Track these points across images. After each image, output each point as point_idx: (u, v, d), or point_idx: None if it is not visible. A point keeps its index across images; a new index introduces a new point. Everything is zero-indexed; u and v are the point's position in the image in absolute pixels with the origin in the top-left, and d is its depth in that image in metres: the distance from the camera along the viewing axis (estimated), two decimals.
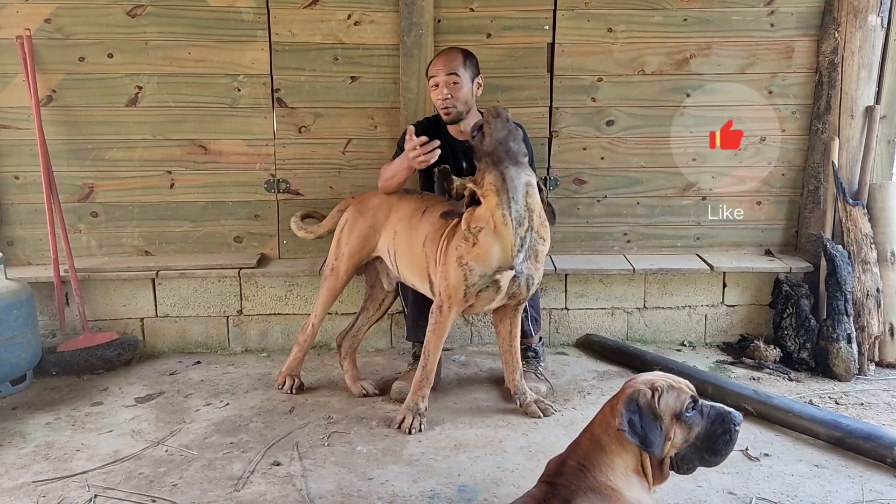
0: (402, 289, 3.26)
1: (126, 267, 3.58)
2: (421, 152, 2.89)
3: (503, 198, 2.68)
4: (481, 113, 3.18)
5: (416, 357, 3.32)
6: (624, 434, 1.84)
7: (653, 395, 1.89)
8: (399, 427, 2.86)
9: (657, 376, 1.96)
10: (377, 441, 2.80)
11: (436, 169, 3.19)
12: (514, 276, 2.79)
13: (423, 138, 2.91)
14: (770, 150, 3.77)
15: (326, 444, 2.77)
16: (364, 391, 3.20)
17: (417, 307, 3.23)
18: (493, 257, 2.74)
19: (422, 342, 3.28)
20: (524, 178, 2.72)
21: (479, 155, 2.75)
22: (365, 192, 3.26)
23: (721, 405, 1.95)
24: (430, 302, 3.24)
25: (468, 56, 3.14)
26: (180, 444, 2.77)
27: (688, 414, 1.89)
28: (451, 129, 3.21)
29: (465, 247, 2.75)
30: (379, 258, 3.17)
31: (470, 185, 2.77)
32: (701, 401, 1.94)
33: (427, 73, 3.20)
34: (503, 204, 2.68)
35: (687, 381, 1.98)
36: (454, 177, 3.17)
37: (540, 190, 2.79)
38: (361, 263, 3.17)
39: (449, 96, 3.07)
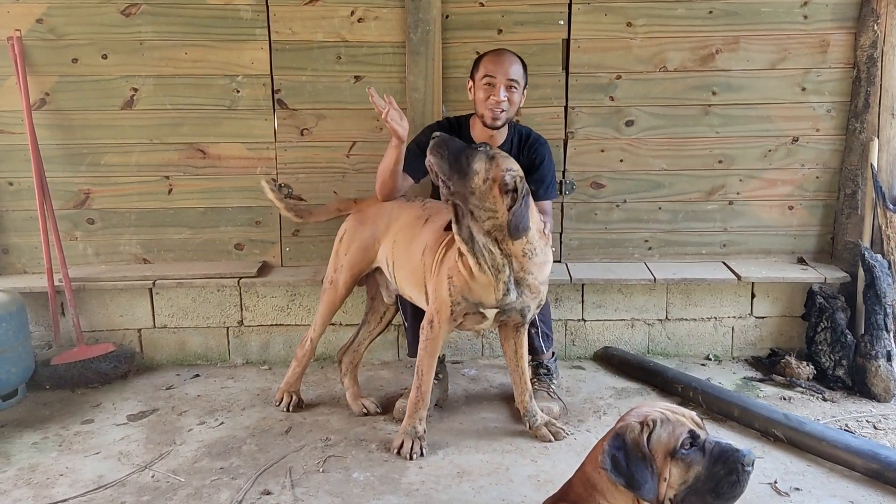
0: (402, 302, 3.09)
1: (122, 276, 3.45)
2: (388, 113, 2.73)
3: (474, 247, 2.54)
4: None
5: None
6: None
7: (641, 431, 1.68)
8: (398, 452, 2.68)
9: (654, 409, 1.76)
10: (375, 467, 2.62)
11: None
12: (500, 311, 2.65)
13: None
14: (803, 151, 3.53)
15: (321, 469, 2.61)
16: (364, 410, 3.03)
17: (417, 321, 3.06)
18: (474, 289, 2.60)
19: None
20: (486, 226, 2.51)
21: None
22: (366, 199, 3.09)
23: (728, 442, 1.73)
24: None
25: (525, 65, 2.99)
26: (168, 468, 2.62)
27: (683, 451, 1.68)
28: (478, 133, 3.02)
29: (453, 263, 2.62)
30: (379, 269, 3.00)
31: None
32: (705, 436, 1.72)
33: (477, 69, 2.96)
34: (476, 253, 2.54)
35: (692, 413, 1.78)
36: None
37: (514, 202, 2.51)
38: (361, 275, 3.00)
39: (505, 100, 2.89)
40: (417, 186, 3.31)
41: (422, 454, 2.68)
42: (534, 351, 3.03)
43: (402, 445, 2.69)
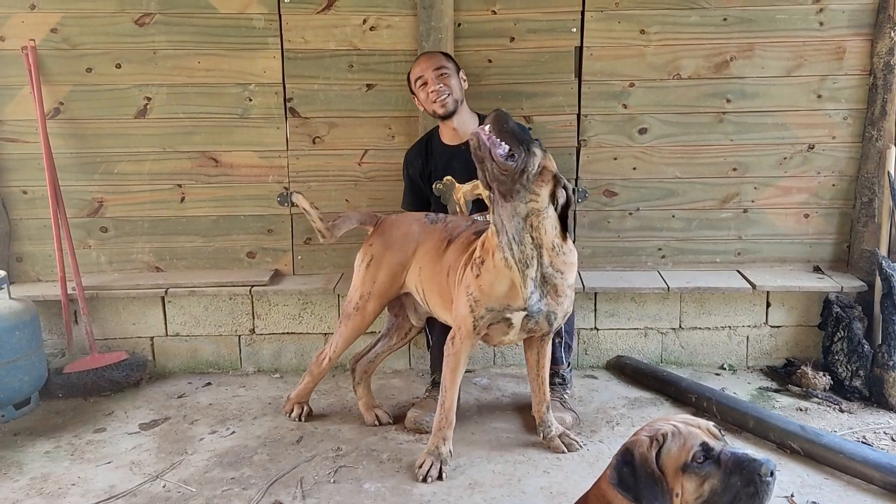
0: (429, 322, 3.07)
1: (135, 284, 3.45)
2: None
3: (503, 239, 2.47)
4: (478, 115, 3.09)
5: (435, 384, 3.13)
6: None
7: (650, 446, 1.65)
8: (418, 471, 2.60)
9: (667, 423, 1.72)
10: (386, 478, 2.61)
11: (436, 184, 3.05)
12: (528, 315, 2.57)
13: None
14: (819, 159, 3.49)
15: (332, 480, 2.60)
16: (377, 420, 3.01)
17: (443, 341, 3.05)
18: (498, 294, 2.52)
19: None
20: (523, 210, 2.43)
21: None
22: (388, 218, 2.99)
23: (745, 452, 1.65)
24: None
25: (447, 54, 3.11)
26: (179, 478, 2.62)
27: (696, 465, 1.64)
28: (445, 133, 3.08)
29: (470, 276, 2.56)
30: (407, 293, 2.96)
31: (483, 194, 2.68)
32: (720, 447, 1.65)
33: (410, 81, 3.11)
34: (503, 246, 2.47)
35: (708, 424, 1.72)
36: (459, 185, 3.02)
37: (567, 202, 2.50)
38: (390, 301, 2.94)
39: (441, 85, 2.98)
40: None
41: (439, 478, 2.58)
42: (553, 361, 2.98)
43: (422, 465, 2.61)
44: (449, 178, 3.02)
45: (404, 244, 2.86)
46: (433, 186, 3.09)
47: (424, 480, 2.57)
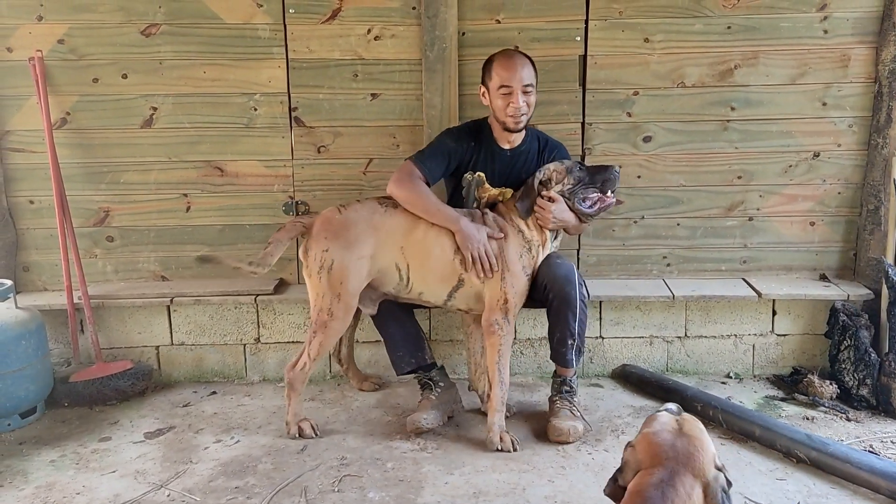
0: (379, 323, 3.14)
1: (140, 293, 3.46)
2: (481, 266, 2.90)
3: (555, 243, 3.08)
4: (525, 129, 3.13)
5: (424, 386, 3.14)
6: None
7: None
8: (501, 449, 2.86)
9: None
10: (391, 486, 2.60)
11: (467, 175, 3.06)
12: None
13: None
14: (824, 167, 3.48)
15: (336, 489, 2.59)
16: (375, 386, 3.43)
17: (402, 334, 3.12)
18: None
19: (410, 372, 3.16)
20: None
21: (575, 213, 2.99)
22: (328, 218, 2.93)
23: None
24: (411, 331, 3.14)
25: (533, 63, 3.03)
26: (183, 487, 2.62)
27: None
28: (498, 133, 3.06)
29: (528, 257, 2.96)
30: None
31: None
32: None
33: (490, 77, 2.97)
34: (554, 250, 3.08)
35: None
36: (488, 185, 3.04)
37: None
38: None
39: (524, 104, 2.95)
40: None
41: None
42: (564, 364, 3.01)
43: (502, 440, 2.87)
44: (481, 174, 3.05)
45: (359, 232, 2.89)
46: (465, 175, 3.10)
47: (515, 450, 2.86)
